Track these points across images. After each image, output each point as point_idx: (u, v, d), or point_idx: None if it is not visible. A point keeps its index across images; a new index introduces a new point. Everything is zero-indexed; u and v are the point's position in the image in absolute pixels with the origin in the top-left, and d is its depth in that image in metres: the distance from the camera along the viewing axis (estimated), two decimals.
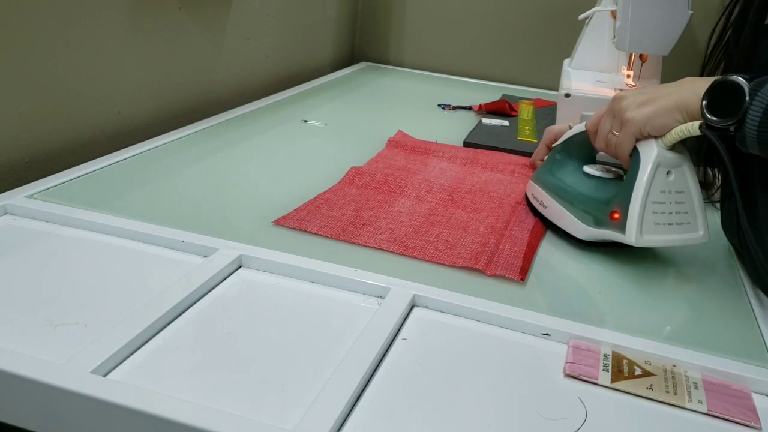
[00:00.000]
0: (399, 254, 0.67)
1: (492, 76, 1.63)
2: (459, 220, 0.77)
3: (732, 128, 0.60)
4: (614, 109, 0.70)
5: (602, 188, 0.74)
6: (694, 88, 0.63)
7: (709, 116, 0.61)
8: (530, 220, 0.79)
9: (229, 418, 0.43)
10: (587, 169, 0.78)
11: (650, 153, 0.66)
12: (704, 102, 0.62)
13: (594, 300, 0.64)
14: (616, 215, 0.68)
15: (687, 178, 0.67)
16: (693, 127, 0.63)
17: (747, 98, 0.58)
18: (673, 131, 0.65)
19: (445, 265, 0.66)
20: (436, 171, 0.92)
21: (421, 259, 0.67)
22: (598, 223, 0.71)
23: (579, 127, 0.78)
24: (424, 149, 1.00)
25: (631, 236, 0.66)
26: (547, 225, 0.78)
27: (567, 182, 0.78)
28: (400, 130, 1.08)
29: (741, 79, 0.59)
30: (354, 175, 0.86)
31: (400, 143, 1.01)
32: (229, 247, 0.65)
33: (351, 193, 0.81)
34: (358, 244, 0.68)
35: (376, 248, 0.68)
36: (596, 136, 0.73)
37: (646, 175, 0.66)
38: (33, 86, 0.80)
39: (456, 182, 0.88)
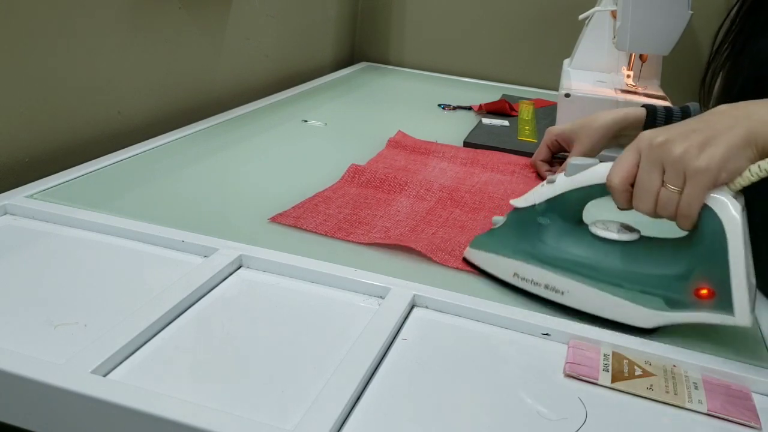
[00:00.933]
0: (393, 246, 0.68)
1: (492, 76, 1.63)
2: (457, 220, 0.76)
3: None
4: (663, 158, 0.54)
5: (651, 257, 0.58)
6: (759, 116, 0.53)
7: None
8: None
9: (229, 418, 0.43)
10: (602, 232, 0.60)
11: (731, 207, 0.53)
12: None
13: None
14: (705, 291, 0.54)
15: (745, 220, 0.54)
16: None
17: None
18: (748, 173, 0.52)
19: (437, 263, 0.66)
20: (436, 171, 0.92)
21: (414, 249, 0.67)
22: (676, 305, 0.56)
23: (571, 182, 0.60)
24: (424, 149, 1.00)
25: (744, 317, 0.53)
26: (567, 312, 0.60)
27: (586, 255, 0.60)
28: (400, 131, 1.08)
29: None
30: (354, 173, 0.86)
31: (400, 143, 1.01)
32: (229, 247, 0.65)
33: (350, 192, 0.81)
34: (352, 241, 0.69)
35: (369, 243, 0.69)
36: (635, 194, 0.56)
37: (740, 236, 0.52)
38: (33, 86, 0.80)
39: (456, 182, 0.88)
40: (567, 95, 1.02)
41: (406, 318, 0.58)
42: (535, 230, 0.62)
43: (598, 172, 0.58)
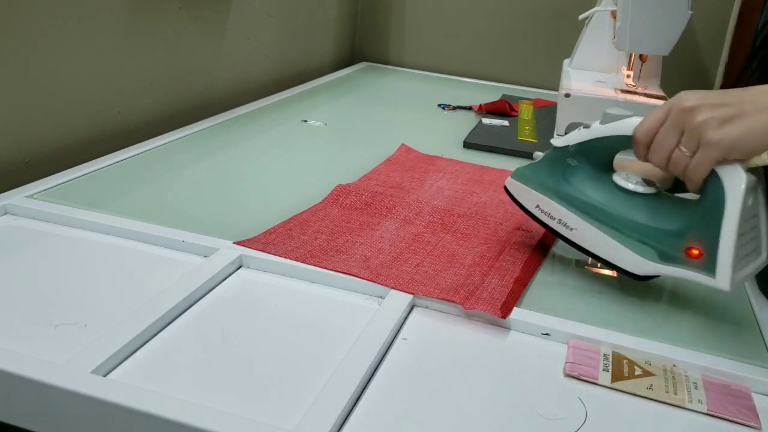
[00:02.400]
0: (369, 281, 0.61)
1: (492, 76, 1.63)
2: (445, 248, 0.70)
3: None
4: (685, 122, 0.56)
5: (657, 211, 0.62)
6: None
7: None
8: (526, 249, 0.71)
9: (229, 418, 0.43)
10: (621, 181, 0.64)
11: (738, 181, 0.55)
12: None
13: (594, 300, 0.64)
14: (695, 251, 0.58)
15: (759, 198, 0.57)
16: None
17: None
18: (765, 156, 0.54)
19: (420, 295, 0.60)
20: (432, 190, 0.85)
21: (392, 288, 0.61)
22: (666, 258, 0.60)
23: (603, 129, 0.63)
24: (424, 167, 0.93)
25: (724, 282, 0.56)
26: (574, 247, 0.66)
27: (600, 199, 0.64)
28: (403, 144, 1.02)
29: None
30: (339, 194, 0.80)
31: (399, 160, 0.95)
32: (229, 247, 0.65)
33: (331, 214, 0.75)
34: (326, 269, 0.63)
35: (345, 273, 0.62)
36: (651, 148, 0.59)
37: (738, 208, 0.55)
38: (33, 86, 0.80)
39: (451, 203, 0.81)
40: (567, 95, 1.02)
41: (406, 318, 0.58)
42: (563, 169, 0.66)
43: (629, 123, 0.61)
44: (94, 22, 0.87)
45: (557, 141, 0.67)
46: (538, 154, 0.70)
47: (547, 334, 0.58)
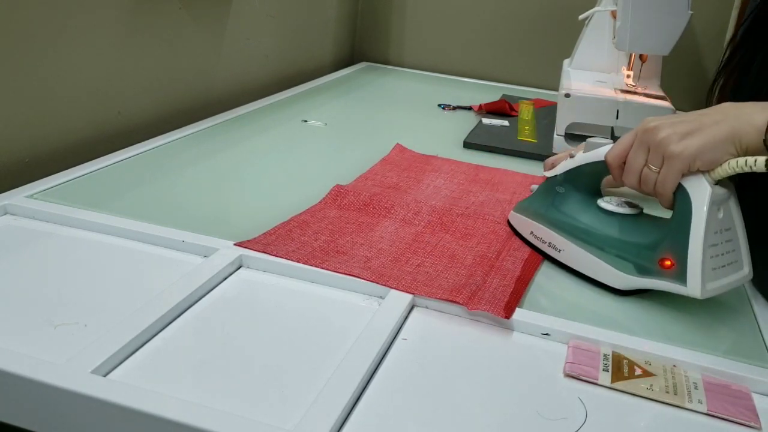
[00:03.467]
0: (371, 281, 0.61)
1: (492, 76, 1.63)
2: (446, 248, 0.70)
3: None
4: (650, 141, 0.61)
5: (634, 229, 0.66)
6: (746, 116, 0.57)
7: None
8: (526, 249, 0.72)
9: (229, 418, 0.43)
10: (604, 204, 0.68)
11: (702, 191, 0.58)
12: None
13: (594, 300, 0.64)
14: (668, 263, 0.60)
15: (733, 212, 0.61)
16: (758, 163, 0.55)
17: None
18: (726, 166, 0.58)
19: (422, 296, 0.60)
20: (429, 190, 0.85)
21: (395, 288, 0.61)
22: (643, 271, 0.63)
23: (586, 157, 0.68)
24: (420, 166, 0.93)
25: (695, 289, 0.59)
26: (564, 269, 0.70)
27: (584, 221, 0.68)
28: (398, 144, 1.02)
29: None
30: (337, 194, 0.80)
31: (394, 160, 0.95)
32: (229, 247, 0.65)
33: (330, 215, 0.75)
34: (328, 270, 0.63)
35: (347, 275, 0.62)
36: (624, 170, 0.64)
37: (704, 217, 0.58)
38: (33, 86, 0.80)
39: (449, 203, 0.81)
40: (567, 95, 1.02)
41: (406, 318, 0.58)
42: (553, 197, 0.72)
43: (605, 150, 0.66)
44: (94, 22, 0.87)
45: (549, 172, 0.74)
46: (534, 187, 0.76)
47: (547, 334, 0.58)
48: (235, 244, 0.66)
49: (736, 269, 0.61)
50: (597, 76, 1.15)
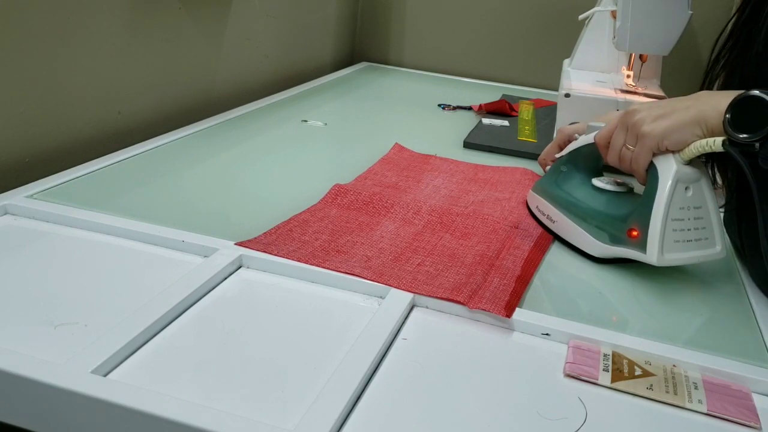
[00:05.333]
0: (372, 281, 0.62)
1: (492, 76, 1.63)
2: (446, 247, 0.70)
3: (757, 145, 0.58)
4: (628, 122, 0.67)
5: (616, 203, 0.72)
6: (713, 102, 0.62)
7: (733, 132, 0.59)
8: (525, 248, 0.72)
9: (229, 418, 0.43)
10: (597, 182, 0.75)
11: (669, 169, 0.64)
12: (727, 117, 0.60)
13: (594, 300, 0.64)
14: (635, 233, 0.66)
15: (705, 193, 0.66)
16: (716, 143, 0.61)
17: None
18: (692, 146, 0.63)
19: (422, 295, 0.60)
20: (428, 189, 0.85)
21: (396, 288, 0.61)
22: (615, 240, 0.69)
23: (586, 139, 0.75)
24: (419, 166, 0.94)
25: (652, 256, 0.65)
26: (556, 239, 0.76)
27: (576, 196, 0.75)
28: (397, 144, 1.02)
29: (766, 94, 0.58)
30: (337, 193, 0.80)
31: (393, 160, 0.95)
32: (229, 247, 0.65)
33: (330, 214, 0.75)
34: (329, 269, 0.63)
35: (348, 274, 0.62)
36: (608, 150, 0.71)
37: (666, 192, 0.64)
38: (33, 86, 0.80)
39: (448, 202, 0.81)
40: (567, 95, 1.02)
41: (406, 318, 0.58)
42: (557, 176, 0.80)
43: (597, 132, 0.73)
44: (94, 22, 0.87)
45: (559, 153, 0.81)
46: (548, 167, 0.85)
47: (547, 334, 0.58)
48: (235, 244, 0.66)
49: (706, 246, 0.66)
50: (597, 76, 1.15)
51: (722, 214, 0.76)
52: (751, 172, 0.58)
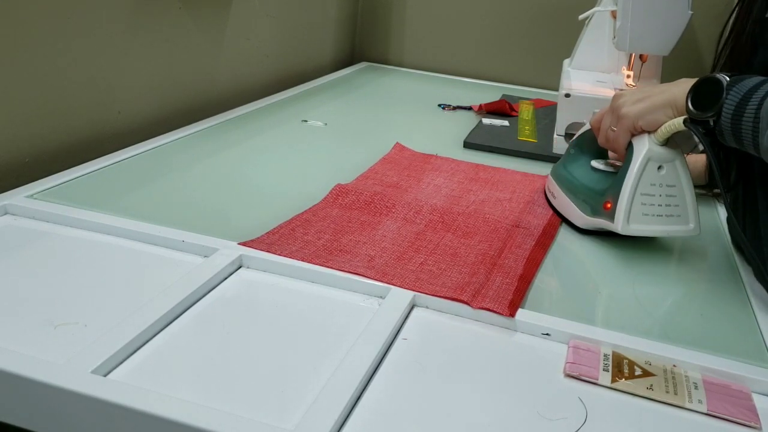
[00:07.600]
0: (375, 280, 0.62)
1: (492, 76, 1.63)
2: (448, 246, 0.70)
3: (712, 121, 0.63)
4: (613, 106, 0.74)
5: (602, 181, 0.79)
6: (686, 86, 0.66)
7: (692, 110, 0.65)
8: (527, 247, 0.72)
9: (229, 418, 0.43)
10: (594, 163, 0.82)
11: (642, 147, 0.70)
12: (689, 97, 0.65)
13: (594, 300, 0.64)
14: (608, 205, 0.73)
15: (679, 173, 0.71)
16: (678, 122, 0.66)
17: (724, 93, 0.62)
18: (663, 127, 0.68)
19: (425, 294, 0.60)
20: (430, 188, 0.86)
21: (399, 287, 0.61)
22: (594, 212, 0.76)
23: (586, 125, 0.83)
24: (420, 165, 0.94)
25: (618, 224, 0.71)
26: (558, 215, 0.83)
27: (575, 175, 0.82)
28: (398, 143, 1.02)
29: (722, 76, 0.63)
30: (338, 193, 0.80)
31: (394, 159, 0.95)
32: (229, 247, 0.65)
33: (332, 214, 0.75)
34: (332, 269, 0.63)
35: (351, 273, 0.62)
36: (599, 132, 0.77)
37: (636, 167, 0.70)
38: (33, 86, 0.80)
39: (450, 202, 0.82)
40: (567, 95, 1.02)
41: (406, 318, 0.58)
42: (566, 157, 0.87)
43: None
44: (94, 21, 0.87)
45: (570, 138, 0.92)
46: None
47: (547, 334, 0.58)
48: (238, 244, 0.66)
49: (677, 222, 0.72)
50: (597, 76, 1.15)
51: (725, 215, 0.78)
52: (710, 148, 0.63)
